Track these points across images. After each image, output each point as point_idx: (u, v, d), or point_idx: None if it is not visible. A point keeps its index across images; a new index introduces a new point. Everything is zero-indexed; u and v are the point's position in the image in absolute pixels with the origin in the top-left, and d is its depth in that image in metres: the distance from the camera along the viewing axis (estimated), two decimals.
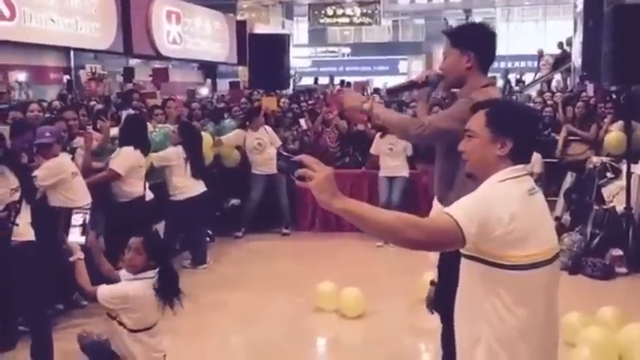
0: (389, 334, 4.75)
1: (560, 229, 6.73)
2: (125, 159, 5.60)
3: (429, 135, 2.85)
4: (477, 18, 28.07)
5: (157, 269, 3.39)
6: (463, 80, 2.91)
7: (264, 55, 9.08)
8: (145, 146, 5.83)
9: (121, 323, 3.37)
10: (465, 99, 2.77)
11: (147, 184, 5.89)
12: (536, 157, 7.45)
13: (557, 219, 7.01)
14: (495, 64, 3.13)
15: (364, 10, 29.61)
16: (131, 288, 3.36)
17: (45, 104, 7.65)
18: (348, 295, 5.10)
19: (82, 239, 3.42)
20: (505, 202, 1.89)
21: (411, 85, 3.20)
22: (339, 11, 29.82)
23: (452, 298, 2.10)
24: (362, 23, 30.61)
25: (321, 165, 1.87)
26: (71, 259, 3.49)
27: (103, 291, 3.38)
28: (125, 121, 6.16)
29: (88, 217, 3.43)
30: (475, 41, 2.88)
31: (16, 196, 4.00)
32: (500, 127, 1.99)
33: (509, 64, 23.21)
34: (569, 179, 7.44)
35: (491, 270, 1.91)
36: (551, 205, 7.25)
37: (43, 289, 4.20)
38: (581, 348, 3.96)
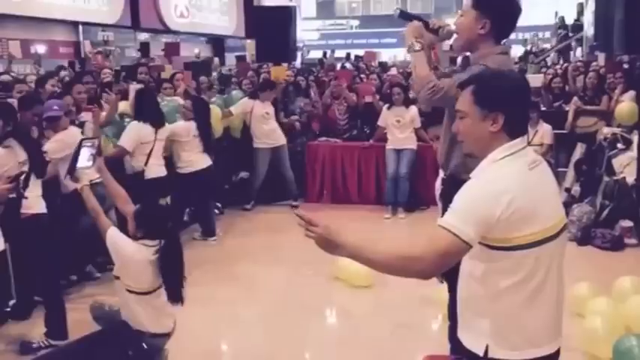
0: (398, 303, 4.77)
1: (570, 201, 6.72)
2: (132, 134, 5.66)
3: (439, 99, 2.77)
4: None
5: (160, 241, 3.40)
6: (473, 45, 2.81)
7: (270, 28, 9.02)
8: (157, 119, 5.84)
9: (127, 289, 3.40)
10: (479, 65, 2.69)
11: (159, 159, 5.92)
12: (546, 128, 7.40)
13: (567, 190, 6.99)
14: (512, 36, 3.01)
15: None
16: (135, 248, 3.38)
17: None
18: (358, 264, 5.10)
19: (90, 163, 3.53)
20: (502, 184, 1.85)
21: (422, 22, 3.02)
22: None
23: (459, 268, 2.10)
24: None
25: (318, 220, 1.97)
26: (78, 186, 3.56)
27: (113, 233, 3.42)
28: (135, 96, 6.17)
29: (96, 147, 3.59)
30: (496, 9, 2.76)
31: (25, 169, 4.02)
32: (488, 103, 1.93)
33: (521, 35, 22.95)
34: (579, 150, 7.38)
35: (495, 252, 1.89)
36: (561, 176, 7.24)
37: (55, 260, 4.25)
38: (589, 319, 3.97)
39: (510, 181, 1.86)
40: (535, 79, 8.67)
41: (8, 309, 4.62)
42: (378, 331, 4.47)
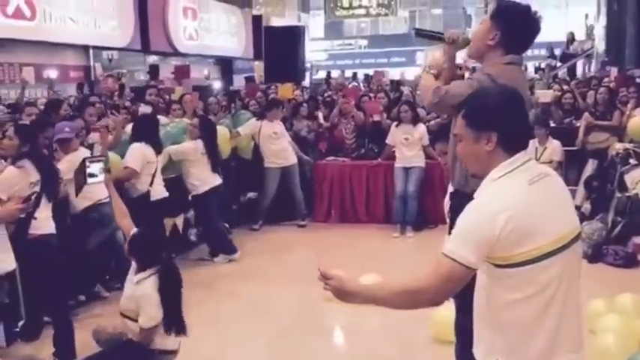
0: (404, 323, 4.72)
1: (580, 218, 6.66)
2: (138, 155, 5.67)
3: (441, 106, 2.78)
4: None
5: (155, 267, 3.41)
6: (482, 54, 2.82)
7: (279, 48, 9.08)
8: (155, 144, 5.85)
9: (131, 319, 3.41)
10: (478, 74, 2.70)
11: (160, 180, 5.92)
12: (555, 144, 7.37)
13: (577, 208, 6.93)
14: None
15: (380, 1, 29.42)
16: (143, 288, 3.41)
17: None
18: (367, 281, 5.06)
19: (101, 178, 3.71)
20: (498, 204, 1.84)
21: (438, 37, 3.04)
22: (355, 2, 29.66)
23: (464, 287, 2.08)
24: (378, 14, 30.40)
25: (333, 273, 2.03)
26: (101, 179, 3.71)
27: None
28: (138, 119, 6.24)
29: (102, 163, 3.75)
30: (508, 23, 2.76)
31: (36, 189, 4.06)
32: (478, 124, 1.93)
33: (529, 53, 22.92)
34: (590, 167, 7.33)
35: (499, 270, 1.88)
36: (571, 194, 7.17)
37: (63, 281, 4.26)
38: (601, 335, 3.93)
39: (507, 199, 1.85)
40: (545, 95, 8.65)
41: (17, 329, 4.63)
42: (385, 349, 4.46)
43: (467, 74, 3.15)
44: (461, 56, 3.35)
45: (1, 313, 3.93)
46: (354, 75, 16.57)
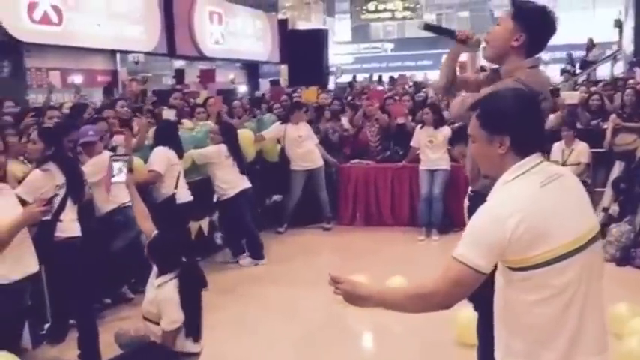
0: (429, 325, 4.69)
1: (608, 221, 6.55)
2: (162, 158, 5.71)
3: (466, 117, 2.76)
4: None
5: (175, 271, 3.44)
6: (503, 57, 2.72)
7: (302, 51, 9.09)
8: (177, 148, 5.89)
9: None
10: (510, 79, 2.62)
11: (184, 184, 5.95)
12: (582, 146, 7.27)
13: (605, 210, 6.82)
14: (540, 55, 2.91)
15: (406, 4, 29.29)
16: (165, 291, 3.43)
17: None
18: (393, 284, 5.05)
19: (124, 178, 3.79)
20: (509, 207, 1.83)
21: (449, 33, 2.99)
22: (381, 6, 29.55)
23: (484, 288, 2.05)
24: (404, 18, 30.25)
25: (343, 278, 2.08)
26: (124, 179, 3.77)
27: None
28: (159, 124, 6.30)
29: (127, 162, 3.84)
30: (534, 24, 2.66)
31: (61, 192, 4.12)
32: (492, 127, 1.92)
33: (557, 54, 22.67)
34: (617, 169, 7.22)
35: (515, 274, 1.87)
36: (599, 197, 7.07)
37: (88, 283, 4.30)
38: (627, 339, 3.86)
39: (518, 202, 1.84)
40: (571, 97, 8.53)
41: (43, 331, 4.69)
42: (410, 352, 4.48)
43: (481, 75, 3.06)
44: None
45: (27, 315, 3.98)
46: (379, 78, 16.55)
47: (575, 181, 2.00)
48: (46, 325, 4.72)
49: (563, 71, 17.43)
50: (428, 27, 3.10)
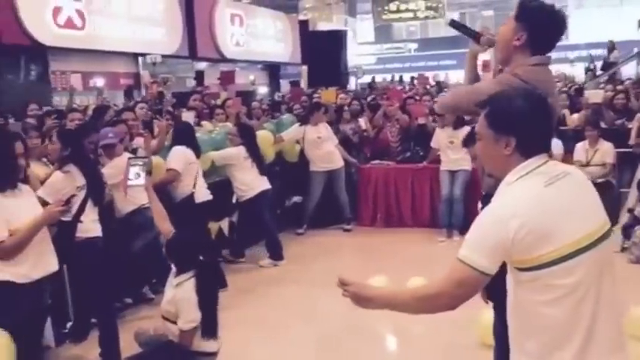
0: (451, 327, 4.65)
1: (633, 222, 6.44)
2: (180, 156, 5.74)
3: (449, 109, 2.75)
4: None
5: (193, 270, 3.45)
6: (508, 57, 2.70)
7: (322, 52, 9.08)
8: (194, 148, 5.91)
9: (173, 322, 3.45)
10: (507, 74, 2.60)
11: (202, 183, 5.97)
12: (606, 146, 7.16)
13: (630, 211, 6.71)
14: (565, 54, 2.86)
15: (428, 4, 29.15)
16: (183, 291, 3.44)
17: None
18: (413, 285, 5.01)
19: (142, 181, 3.75)
20: (511, 208, 1.82)
21: (471, 34, 2.97)
22: (403, 6, 29.46)
23: (503, 288, 2.03)
24: (426, 17, 30.12)
25: (351, 281, 2.10)
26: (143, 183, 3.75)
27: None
28: (177, 125, 6.35)
29: (145, 164, 3.80)
30: (534, 22, 2.64)
31: (82, 193, 4.16)
32: (499, 126, 1.91)
33: (583, 53, 22.34)
34: None
35: (523, 274, 1.85)
36: (625, 197, 6.95)
37: (109, 283, 4.35)
38: None
39: (521, 203, 1.83)
40: (595, 96, 8.43)
41: (66, 330, 4.74)
42: (432, 353, 4.47)
43: (490, 74, 3.05)
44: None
45: (49, 314, 4.02)
46: (400, 78, 16.51)
47: (583, 178, 1.96)
48: (69, 324, 4.77)
49: (587, 70, 17.23)
50: (454, 23, 3.08)
